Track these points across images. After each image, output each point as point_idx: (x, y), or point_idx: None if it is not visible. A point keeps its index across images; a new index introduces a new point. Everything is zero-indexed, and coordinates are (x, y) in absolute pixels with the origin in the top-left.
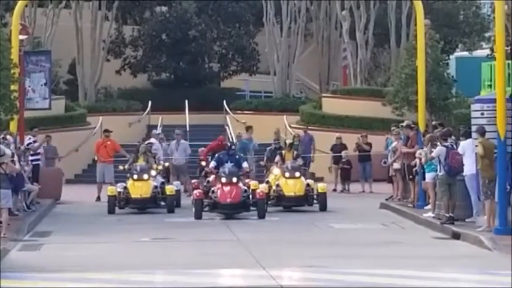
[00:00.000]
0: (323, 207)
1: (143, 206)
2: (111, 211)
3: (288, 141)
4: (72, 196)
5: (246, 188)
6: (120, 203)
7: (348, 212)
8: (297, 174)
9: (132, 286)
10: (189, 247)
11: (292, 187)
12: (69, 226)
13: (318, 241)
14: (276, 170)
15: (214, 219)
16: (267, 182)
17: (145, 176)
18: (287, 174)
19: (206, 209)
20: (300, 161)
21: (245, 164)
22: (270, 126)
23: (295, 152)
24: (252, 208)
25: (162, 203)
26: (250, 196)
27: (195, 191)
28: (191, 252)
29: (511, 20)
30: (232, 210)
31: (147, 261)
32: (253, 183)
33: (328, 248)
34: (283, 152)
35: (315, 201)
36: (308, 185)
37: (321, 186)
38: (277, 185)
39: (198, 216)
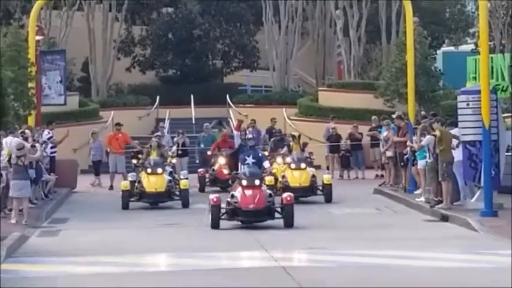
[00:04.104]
0: (328, 199)
1: (158, 201)
2: (125, 206)
3: (296, 133)
4: (86, 185)
5: (270, 192)
6: (134, 197)
7: (344, 197)
8: (303, 165)
9: (142, 268)
10: (197, 232)
11: (298, 178)
12: (85, 213)
13: (317, 225)
14: (279, 159)
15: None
16: (272, 174)
17: (159, 170)
18: (293, 166)
19: (224, 216)
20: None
21: (267, 164)
22: (270, 118)
23: (302, 142)
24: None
25: (176, 197)
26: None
27: (211, 196)
28: (198, 236)
29: (493, 17)
30: (255, 218)
31: (157, 245)
32: (268, 179)
33: (326, 232)
34: (291, 143)
35: (319, 192)
36: (313, 176)
37: (326, 178)
38: (283, 176)
39: (215, 225)
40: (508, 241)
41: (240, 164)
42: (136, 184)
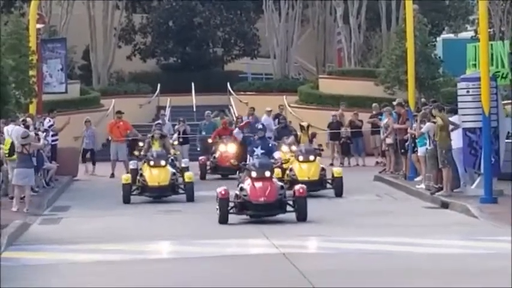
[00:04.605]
0: (339, 193)
1: (161, 195)
2: (126, 200)
3: (304, 124)
4: (88, 175)
5: (282, 184)
6: (136, 190)
7: (344, 184)
8: (311, 157)
9: (144, 256)
10: (199, 219)
11: (306, 171)
12: (86, 201)
13: (318, 212)
14: (284, 148)
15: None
16: (282, 165)
17: (163, 162)
18: (301, 158)
19: (232, 210)
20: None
21: (277, 154)
22: (271, 106)
23: (311, 133)
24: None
25: (181, 191)
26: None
27: (219, 189)
28: (201, 224)
29: (493, 4)
30: (266, 212)
31: (159, 233)
32: (275, 171)
33: (327, 219)
34: (299, 134)
35: (328, 186)
36: (323, 169)
37: (336, 171)
38: (291, 169)
39: (224, 219)
40: (507, 227)
41: (248, 156)
42: (138, 177)
